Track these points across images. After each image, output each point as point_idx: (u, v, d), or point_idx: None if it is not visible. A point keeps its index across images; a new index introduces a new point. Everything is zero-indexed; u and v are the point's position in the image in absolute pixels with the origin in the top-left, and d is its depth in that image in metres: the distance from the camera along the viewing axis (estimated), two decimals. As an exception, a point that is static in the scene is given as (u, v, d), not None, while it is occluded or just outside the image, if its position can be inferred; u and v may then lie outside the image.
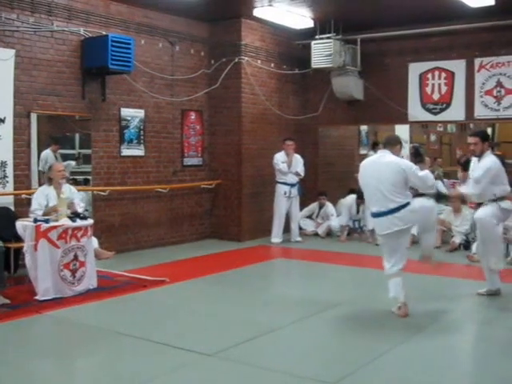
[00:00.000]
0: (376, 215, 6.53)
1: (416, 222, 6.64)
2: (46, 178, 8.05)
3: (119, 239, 10.04)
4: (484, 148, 7.05)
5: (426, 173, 6.57)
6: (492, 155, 7.19)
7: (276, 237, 11.42)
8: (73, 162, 9.88)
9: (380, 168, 6.46)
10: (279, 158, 11.32)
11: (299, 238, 11.58)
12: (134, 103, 10.24)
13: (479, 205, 7.17)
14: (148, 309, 6.91)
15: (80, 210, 7.81)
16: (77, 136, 10.15)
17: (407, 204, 6.37)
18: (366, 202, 7.10)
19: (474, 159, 7.21)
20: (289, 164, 11.32)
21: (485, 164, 6.98)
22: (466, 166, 7.27)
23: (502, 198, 7.01)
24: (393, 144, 6.65)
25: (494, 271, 7.16)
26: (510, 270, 8.97)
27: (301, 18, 10.83)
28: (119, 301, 7.17)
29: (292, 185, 11.37)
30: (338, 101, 12.33)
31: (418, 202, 6.54)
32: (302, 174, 11.47)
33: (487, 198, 7.02)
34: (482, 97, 11.15)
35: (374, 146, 13.91)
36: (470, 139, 7.10)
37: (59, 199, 7.51)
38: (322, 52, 11.39)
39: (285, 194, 11.32)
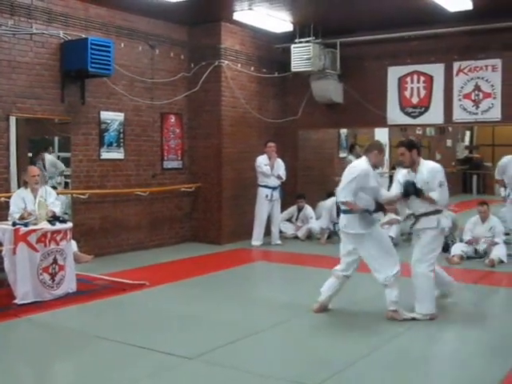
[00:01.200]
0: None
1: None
2: (22, 180, 8.02)
3: (99, 243, 9.99)
4: (413, 157, 6.62)
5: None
6: (429, 161, 6.95)
7: (257, 240, 11.43)
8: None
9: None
10: (262, 160, 11.34)
11: (279, 241, 11.60)
12: (114, 106, 10.21)
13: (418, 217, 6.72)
14: (128, 312, 6.90)
15: (57, 208, 7.76)
16: (56, 139, 10.10)
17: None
18: None
19: (402, 171, 6.89)
20: (271, 166, 11.35)
21: (434, 167, 6.67)
22: None
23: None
24: (368, 150, 6.70)
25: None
26: (486, 272, 9.10)
27: (280, 22, 10.87)
28: (99, 304, 7.14)
29: (274, 188, 11.40)
30: (317, 104, 12.37)
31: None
32: (284, 177, 11.51)
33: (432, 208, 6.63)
34: (460, 100, 11.25)
35: (352, 149, 14.08)
36: (398, 150, 6.73)
37: (38, 203, 7.48)
38: (302, 56, 11.44)
39: (266, 197, 11.34)
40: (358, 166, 6.66)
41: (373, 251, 6.50)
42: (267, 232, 11.60)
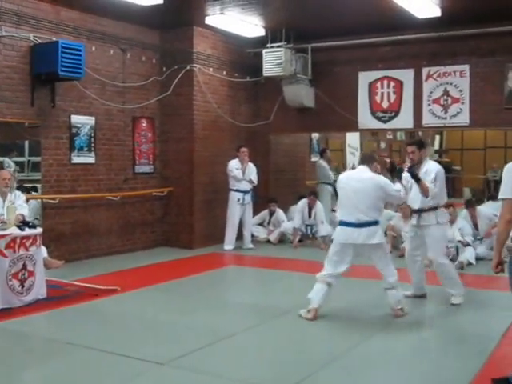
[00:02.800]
0: (346, 224, 6.72)
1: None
2: None
3: (69, 248, 9.92)
4: (422, 155, 7.24)
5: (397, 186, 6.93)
6: (433, 161, 7.48)
7: (229, 244, 11.44)
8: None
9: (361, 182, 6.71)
10: (233, 165, 11.36)
11: (251, 245, 11.62)
12: (85, 110, 10.15)
13: (418, 212, 7.27)
14: (99, 318, 6.85)
15: (24, 210, 7.67)
16: (26, 143, 10.02)
17: (377, 222, 6.71)
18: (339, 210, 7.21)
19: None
20: (243, 171, 11.37)
21: (434, 166, 7.23)
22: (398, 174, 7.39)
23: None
24: (370, 161, 6.92)
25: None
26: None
27: (252, 27, 10.89)
28: (70, 311, 7.07)
29: (245, 192, 11.42)
30: (289, 109, 12.43)
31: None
32: (256, 181, 11.54)
33: (433, 204, 7.16)
34: (429, 105, 11.40)
35: (323, 154, 14.18)
36: (409, 148, 7.29)
37: (7, 208, 7.40)
38: (274, 60, 11.48)
39: (238, 200, 11.36)
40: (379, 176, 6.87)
41: (384, 258, 6.82)
42: (239, 236, 11.62)
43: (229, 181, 11.43)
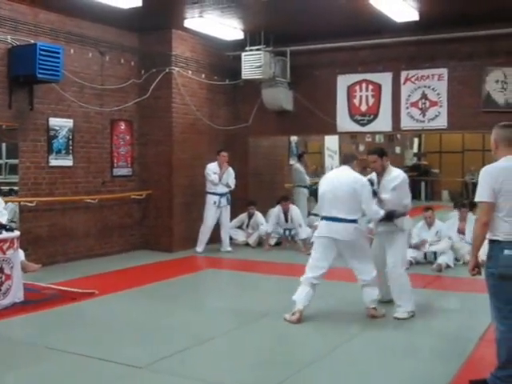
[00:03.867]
0: (327, 219, 6.91)
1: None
2: None
3: (47, 251, 9.85)
4: (384, 163, 7.12)
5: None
6: (396, 168, 7.34)
7: (200, 246, 11.43)
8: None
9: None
10: (211, 168, 11.34)
11: (229, 248, 11.61)
12: (63, 113, 10.09)
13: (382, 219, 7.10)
14: (77, 322, 6.80)
15: (4, 218, 7.61)
16: (3, 146, 9.93)
17: (356, 220, 6.82)
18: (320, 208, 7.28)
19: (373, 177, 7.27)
20: (220, 176, 11.35)
21: (396, 174, 7.11)
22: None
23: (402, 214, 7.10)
24: (351, 160, 7.08)
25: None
26: (434, 277, 9.27)
27: (231, 30, 10.89)
28: (47, 314, 7.03)
29: (222, 195, 11.41)
30: (268, 111, 12.44)
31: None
32: (233, 186, 11.54)
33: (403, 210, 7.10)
34: (407, 108, 11.47)
35: (300, 157, 14.30)
36: (370, 157, 7.18)
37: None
38: (253, 63, 11.49)
39: (214, 203, 11.35)
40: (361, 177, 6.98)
41: (362, 256, 6.91)
42: (218, 239, 11.60)
43: (206, 183, 11.41)
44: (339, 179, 6.95)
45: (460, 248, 10.24)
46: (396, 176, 7.05)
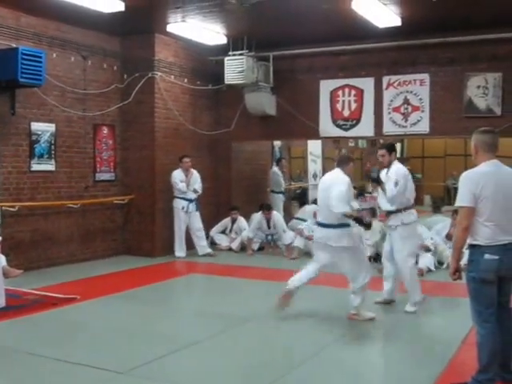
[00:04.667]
0: (318, 224, 7.10)
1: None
2: None
3: (29, 256, 9.78)
4: (392, 159, 7.51)
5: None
6: (400, 164, 7.64)
7: (180, 251, 11.39)
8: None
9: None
10: (177, 176, 11.30)
11: (209, 250, 11.60)
12: (45, 117, 10.05)
13: (388, 214, 7.47)
14: (58, 327, 6.77)
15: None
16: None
17: (345, 225, 6.87)
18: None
19: (383, 172, 7.61)
20: (187, 182, 11.33)
21: (399, 169, 7.44)
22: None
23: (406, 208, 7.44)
24: (344, 163, 7.14)
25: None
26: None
27: (214, 35, 10.89)
28: (28, 320, 6.98)
29: (190, 200, 11.39)
30: (251, 116, 12.45)
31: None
32: (200, 190, 11.51)
33: (397, 207, 7.37)
34: (390, 113, 11.51)
35: (278, 162, 14.41)
36: (379, 151, 7.63)
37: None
38: (235, 68, 11.50)
39: (183, 208, 11.33)
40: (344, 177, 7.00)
41: (352, 262, 6.96)
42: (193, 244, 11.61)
43: (173, 190, 11.39)
44: (323, 183, 7.10)
45: (443, 250, 10.30)
46: (395, 172, 7.36)
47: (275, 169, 14.14)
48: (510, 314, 4.90)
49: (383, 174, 7.58)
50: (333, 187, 6.80)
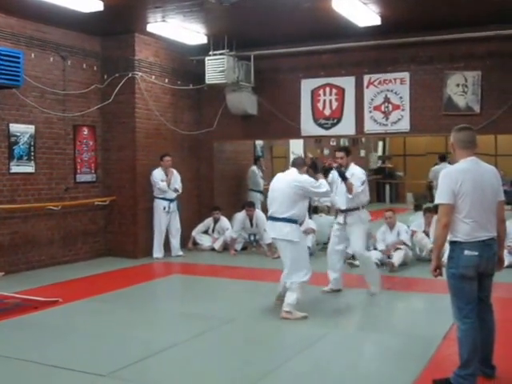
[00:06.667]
0: (268, 218, 7.34)
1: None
2: None
3: (9, 259, 9.70)
4: (348, 161, 8.19)
5: (320, 181, 7.25)
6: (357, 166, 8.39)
7: (158, 252, 11.36)
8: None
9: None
10: (158, 175, 11.27)
11: (181, 253, 11.57)
12: (24, 119, 9.96)
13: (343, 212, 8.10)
14: (39, 331, 6.70)
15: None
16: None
17: (292, 220, 7.03)
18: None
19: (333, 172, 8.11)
20: (168, 182, 11.30)
21: (357, 170, 8.18)
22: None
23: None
24: (299, 165, 7.35)
25: None
26: (389, 277, 9.32)
27: (195, 34, 10.88)
28: (8, 324, 6.90)
29: (171, 200, 11.37)
30: (232, 116, 12.43)
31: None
32: (180, 190, 11.50)
33: (357, 204, 8.03)
34: (371, 112, 11.54)
35: (256, 161, 14.41)
36: (337, 154, 8.26)
37: None
38: (216, 68, 11.48)
39: (164, 209, 11.31)
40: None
41: (293, 256, 7.06)
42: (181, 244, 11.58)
43: (153, 189, 11.36)
44: (278, 180, 7.29)
45: (422, 238, 10.41)
46: (358, 172, 8.15)
47: (254, 167, 14.15)
48: (491, 310, 4.94)
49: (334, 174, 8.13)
50: (301, 183, 7.01)
